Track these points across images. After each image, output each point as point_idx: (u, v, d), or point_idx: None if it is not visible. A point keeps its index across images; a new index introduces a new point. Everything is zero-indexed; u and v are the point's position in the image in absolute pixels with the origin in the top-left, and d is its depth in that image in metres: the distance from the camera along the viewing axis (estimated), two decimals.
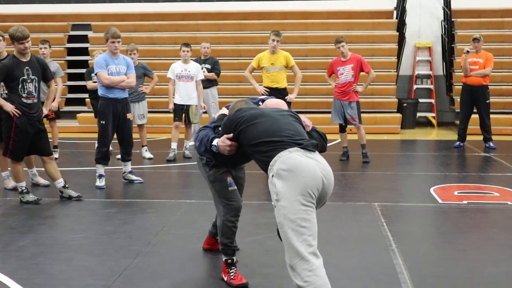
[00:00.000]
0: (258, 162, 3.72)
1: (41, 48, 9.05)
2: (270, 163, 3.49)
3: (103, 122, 7.33)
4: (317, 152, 3.58)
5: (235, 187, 4.28)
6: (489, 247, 5.14)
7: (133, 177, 7.73)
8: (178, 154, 9.50)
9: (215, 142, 3.87)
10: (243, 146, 3.78)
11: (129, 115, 7.52)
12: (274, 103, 4.23)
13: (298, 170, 3.38)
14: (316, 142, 3.62)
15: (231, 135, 3.77)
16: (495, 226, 5.80)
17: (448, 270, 4.52)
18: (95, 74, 7.37)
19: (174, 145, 9.46)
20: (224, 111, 4.26)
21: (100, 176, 7.45)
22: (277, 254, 4.80)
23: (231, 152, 3.84)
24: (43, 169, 6.95)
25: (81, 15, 16.17)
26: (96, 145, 7.54)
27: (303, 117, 3.97)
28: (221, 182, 4.25)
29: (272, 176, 3.46)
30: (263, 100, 4.28)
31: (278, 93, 8.80)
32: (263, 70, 9.00)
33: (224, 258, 4.29)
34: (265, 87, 8.98)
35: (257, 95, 9.40)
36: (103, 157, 7.44)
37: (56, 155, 9.00)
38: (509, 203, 6.60)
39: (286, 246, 3.39)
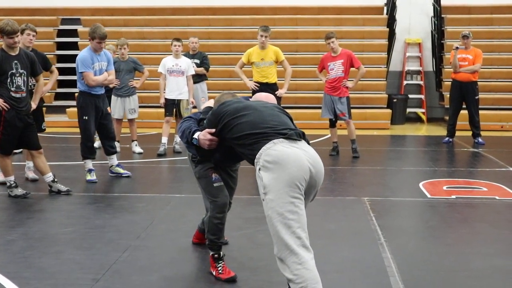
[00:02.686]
0: (244, 156, 3.70)
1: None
2: (256, 156, 3.47)
3: (86, 118, 7.35)
4: (303, 141, 3.55)
5: (221, 183, 4.25)
6: (477, 241, 5.18)
7: (121, 170, 7.72)
8: (168, 149, 9.49)
9: (196, 135, 3.85)
10: (227, 141, 3.74)
11: (108, 109, 7.66)
12: (263, 96, 4.23)
13: (283, 161, 3.36)
14: (301, 131, 3.60)
15: (213, 130, 3.75)
16: (483, 220, 5.85)
17: (436, 263, 4.55)
18: (80, 73, 7.31)
19: (164, 139, 9.45)
20: (211, 103, 4.25)
21: (90, 170, 7.43)
22: (266, 248, 4.81)
23: (211, 147, 3.82)
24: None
25: (70, 9, 16.08)
26: (81, 140, 7.51)
27: None
28: (206, 179, 4.24)
29: (259, 169, 3.45)
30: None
31: (269, 88, 8.81)
32: (253, 65, 9.01)
33: (210, 253, 4.30)
34: (255, 82, 8.99)
35: (247, 90, 9.42)
36: (89, 152, 7.45)
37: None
38: (497, 198, 6.66)
39: (274, 239, 3.39)
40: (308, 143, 3.63)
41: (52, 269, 4.38)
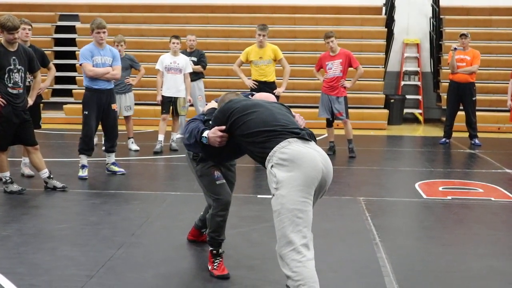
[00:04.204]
0: (251, 153, 3.66)
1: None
2: (269, 154, 3.44)
3: (86, 113, 7.32)
4: (313, 142, 3.56)
5: (223, 181, 4.25)
6: (472, 242, 5.19)
7: (116, 169, 7.69)
8: (164, 147, 9.48)
9: (205, 133, 3.78)
10: (235, 137, 3.70)
11: (113, 106, 7.51)
12: (263, 96, 4.22)
13: (299, 160, 3.36)
14: (310, 131, 3.60)
15: (223, 127, 3.70)
16: (478, 221, 5.86)
17: (431, 264, 4.55)
18: (80, 65, 7.34)
19: (161, 137, 9.44)
20: (214, 104, 4.21)
21: (83, 166, 7.41)
22: (261, 247, 4.83)
23: (221, 144, 3.74)
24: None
25: (69, 6, 16.05)
26: (80, 135, 7.49)
27: (296, 115, 3.93)
28: (208, 177, 4.24)
29: (272, 166, 3.42)
30: (252, 95, 4.28)
31: (267, 86, 8.82)
32: (252, 63, 9.02)
33: (210, 248, 4.31)
34: (253, 80, 9.00)
35: (245, 88, 9.42)
36: (86, 148, 7.41)
37: None
38: (492, 199, 6.66)
39: (278, 235, 3.36)
40: (316, 143, 3.64)
41: (46, 265, 4.37)
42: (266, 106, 3.69)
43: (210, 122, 3.87)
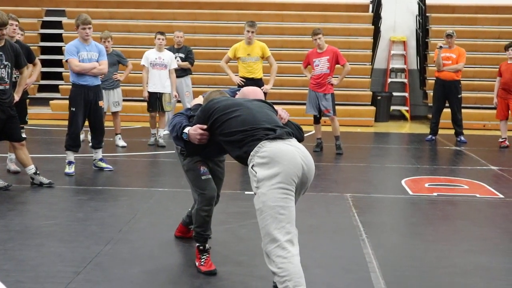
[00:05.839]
0: (230, 152, 3.73)
1: None
2: (251, 153, 3.48)
3: (74, 109, 7.27)
4: (294, 139, 3.60)
5: (209, 176, 4.27)
6: (457, 238, 5.23)
7: (103, 165, 7.67)
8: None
9: (186, 130, 3.87)
10: (215, 136, 3.77)
11: (100, 103, 7.47)
12: (250, 90, 4.24)
13: (278, 158, 3.39)
14: (289, 130, 3.64)
15: (204, 126, 3.77)
16: (463, 218, 5.91)
17: (416, 260, 4.59)
18: (66, 61, 7.30)
19: (153, 130, 9.59)
20: (200, 100, 4.25)
21: (70, 162, 7.38)
22: (248, 243, 4.84)
23: (201, 142, 3.83)
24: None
25: (55, 1, 15.94)
26: (66, 131, 7.46)
27: (279, 109, 3.98)
28: (194, 171, 4.25)
29: (252, 166, 3.47)
30: (239, 91, 4.30)
31: (254, 83, 8.81)
32: (239, 60, 9.02)
33: (196, 245, 4.31)
34: (241, 77, 9.01)
35: (233, 85, 9.42)
36: (73, 144, 7.37)
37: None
38: (477, 195, 6.72)
39: (263, 233, 3.40)
40: (298, 137, 3.66)
41: (33, 262, 4.35)
42: (247, 106, 3.72)
43: (194, 119, 3.92)
